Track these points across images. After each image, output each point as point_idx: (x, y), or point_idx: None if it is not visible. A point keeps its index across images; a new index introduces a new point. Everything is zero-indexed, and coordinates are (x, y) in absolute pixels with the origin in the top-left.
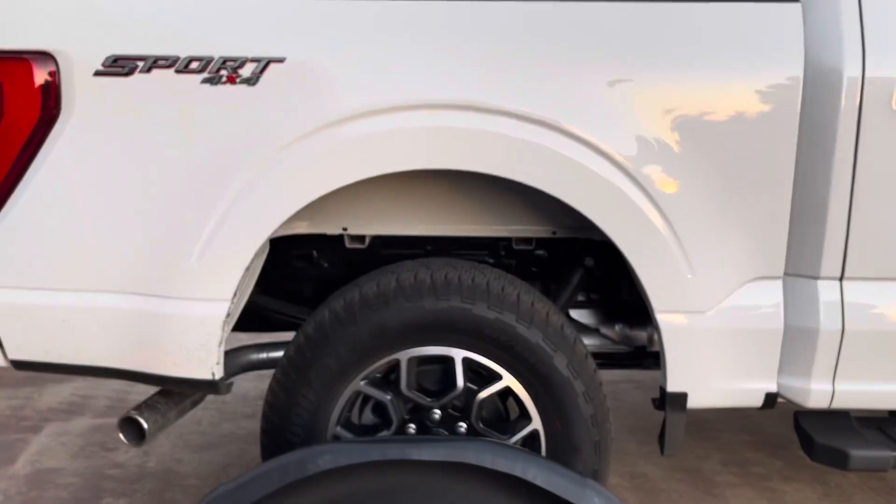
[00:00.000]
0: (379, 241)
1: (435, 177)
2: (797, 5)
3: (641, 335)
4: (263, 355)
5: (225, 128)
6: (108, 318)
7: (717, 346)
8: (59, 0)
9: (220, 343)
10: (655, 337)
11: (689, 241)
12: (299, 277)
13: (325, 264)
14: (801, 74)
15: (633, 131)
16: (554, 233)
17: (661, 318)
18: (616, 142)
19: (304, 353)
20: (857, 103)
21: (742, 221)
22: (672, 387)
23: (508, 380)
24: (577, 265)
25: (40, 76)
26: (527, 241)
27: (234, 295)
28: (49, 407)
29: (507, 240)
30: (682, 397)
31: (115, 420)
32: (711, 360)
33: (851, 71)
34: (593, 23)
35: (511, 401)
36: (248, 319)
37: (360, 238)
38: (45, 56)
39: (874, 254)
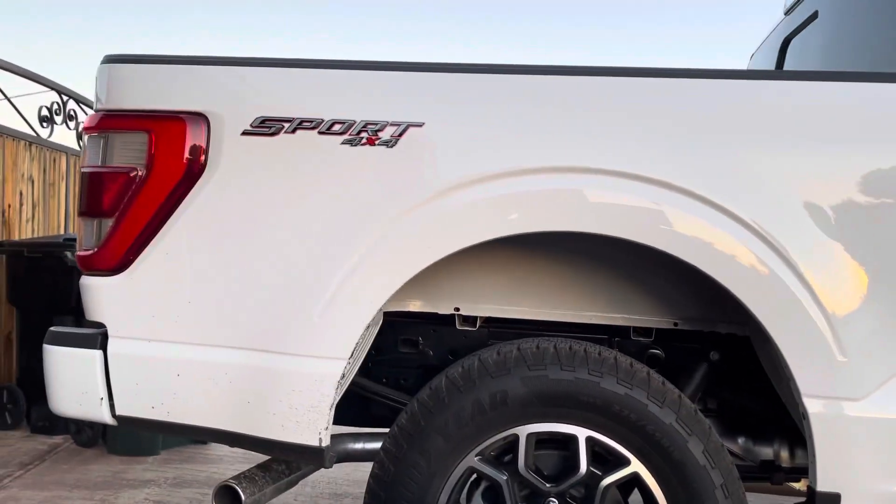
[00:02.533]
0: (487, 327)
1: (552, 255)
2: None
3: (767, 450)
4: (360, 445)
5: (361, 187)
6: (220, 373)
7: (873, 439)
8: (213, 69)
9: (332, 406)
10: (783, 452)
11: (840, 321)
12: (402, 364)
13: (430, 352)
14: None
15: (771, 195)
16: (676, 324)
17: (809, 403)
18: (766, 218)
19: (417, 421)
20: None
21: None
22: (823, 486)
23: (636, 466)
24: (702, 360)
25: (193, 134)
26: (646, 332)
27: (351, 355)
28: None
29: (624, 332)
30: (835, 499)
31: None
32: (867, 455)
33: None
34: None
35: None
36: (347, 408)
37: (472, 320)
38: (199, 116)
39: None
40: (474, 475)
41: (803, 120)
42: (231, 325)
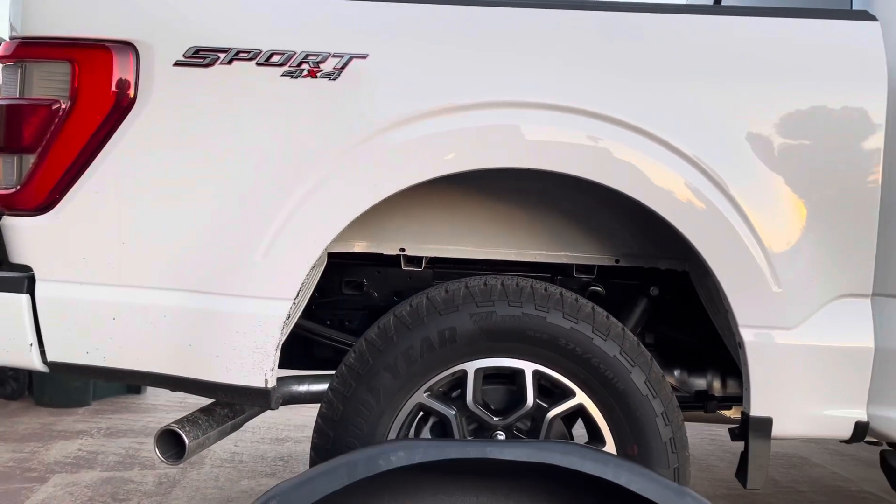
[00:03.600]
0: (432, 268)
1: (497, 196)
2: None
3: (701, 381)
4: (304, 388)
5: (303, 122)
6: (159, 315)
7: (804, 366)
8: None
9: (277, 347)
10: (716, 383)
11: (776, 253)
12: (347, 306)
13: (375, 293)
14: (885, 91)
15: (714, 132)
16: (617, 261)
17: (745, 332)
18: (704, 150)
19: (366, 359)
20: None
21: (829, 237)
22: (756, 411)
23: (581, 397)
24: (641, 296)
25: (120, 65)
26: (588, 270)
27: (297, 296)
28: (56, 460)
29: (566, 270)
30: (766, 423)
31: (125, 473)
32: (798, 382)
33: None
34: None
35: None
36: (290, 350)
37: (417, 261)
38: (127, 45)
39: None
40: (423, 411)
41: (744, 54)
42: (169, 267)
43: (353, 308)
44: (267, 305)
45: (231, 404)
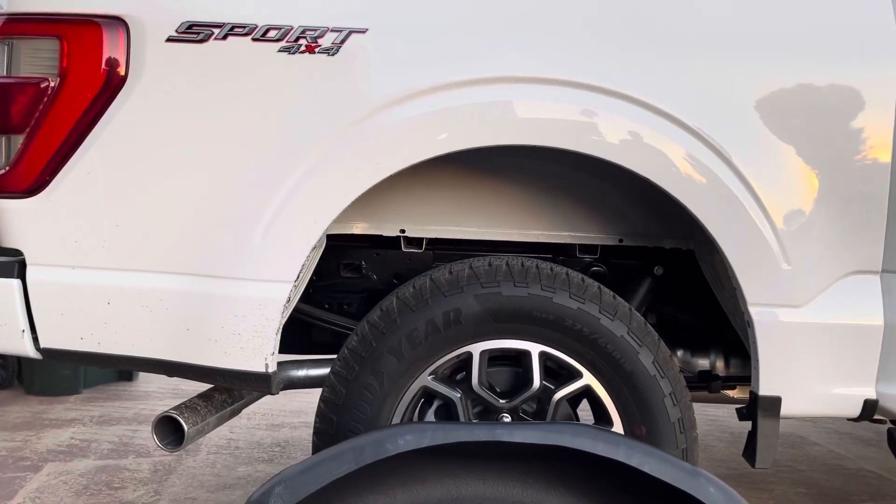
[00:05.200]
0: (432, 250)
1: (499, 175)
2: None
3: (704, 361)
4: (303, 372)
5: (301, 100)
6: (156, 299)
7: (813, 344)
8: None
9: (278, 331)
10: (720, 362)
11: (785, 230)
12: (345, 289)
13: (374, 276)
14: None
15: (725, 106)
16: (621, 240)
17: (754, 311)
18: (711, 123)
19: (369, 342)
20: None
21: (839, 212)
22: (765, 390)
23: (588, 378)
24: (645, 275)
25: (111, 41)
26: (591, 250)
27: (297, 279)
28: (49, 449)
29: (569, 251)
30: (775, 402)
31: (119, 461)
32: (807, 360)
33: None
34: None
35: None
36: (287, 335)
37: (417, 242)
38: (117, 20)
39: None
40: (428, 394)
41: (751, 21)
42: (165, 249)
43: (352, 291)
44: (267, 288)
45: (230, 390)
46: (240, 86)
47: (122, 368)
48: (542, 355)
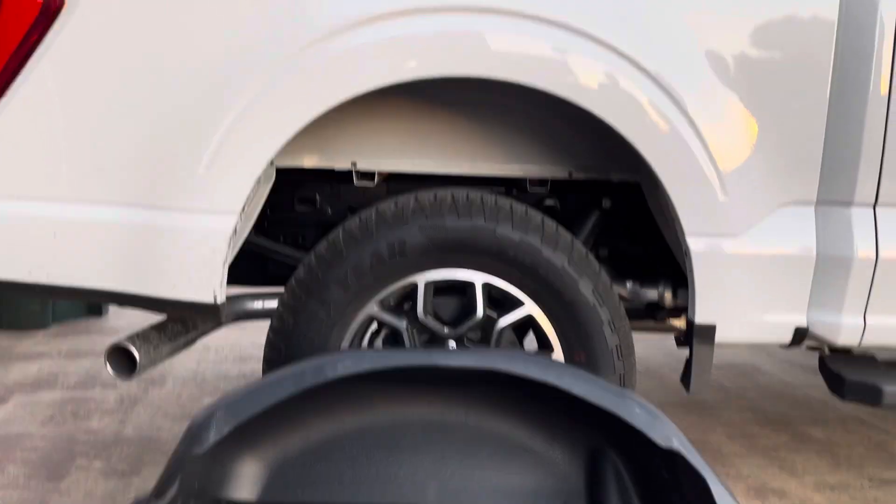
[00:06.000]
0: (386, 184)
1: (451, 109)
2: None
3: (652, 292)
4: (259, 304)
5: (246, 23)
6: (102, 231)
7: (747, 273)
8: None
9: (225, 262)
10: (667, 294)
11: (723, 162)
12: (300, 223)
13: (329, 209)
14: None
15: (671, 46)
16: (571, 174)
17: (691, 241)
18: (652, 55)
19: (315, 273)
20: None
21: (776, 146)
22: (700, 318)
23: (530, 307)
24: (594, 208)
25: None
26: (541, 183)
27: (243, 209)
28: (16, 381)
29: (521, 184)
30: (710, 330)
31: (86, 393)
32: (741, 289)
33: None
34: None
35: (531, 336)
36: (244, 268)
37: (370, 177)
38: None
39: None
40: (375, 324)
41: None
42: (109, 180)
43: (307, 225)
44: (212, 220)
45: (184, 321)
46: (182, 8)
47: (75, 300)
48: (486, 286)
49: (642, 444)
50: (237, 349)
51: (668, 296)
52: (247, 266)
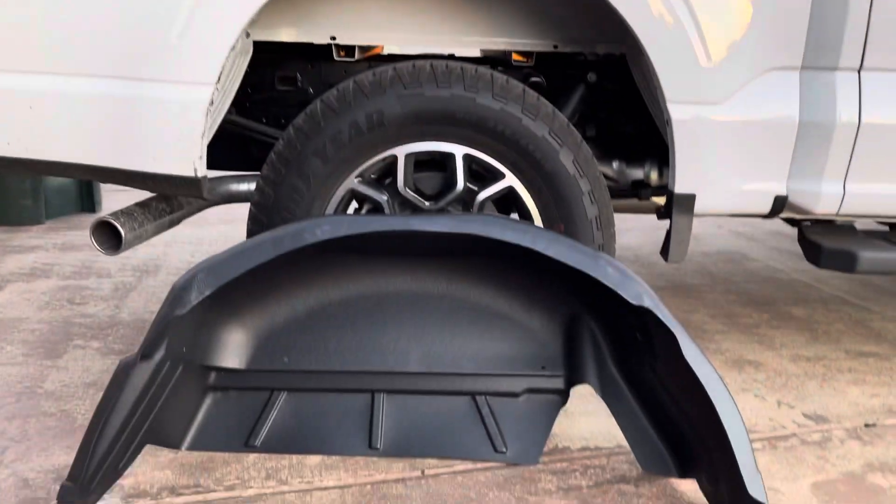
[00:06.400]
0: (368, 62)
1: None
2: None
3: (638, 171)
4: (244, 186)
5: None
6: (79, 103)
7: (728, 142)
8: None
9: (203, 135)
10: (653, 173)
11: (707, 26)
12: (281, 102)
13: (310, 88)
14: None
15: None
16: (556, 46)
17: (672, 109)
18: None
19: (294, 146)
20: None
21: (762, 6)
22: (680, 188)
23: (511, 179)
24: (579, 82)
25: None
26: (527, 57)
27: (219, 80)
28: (11, 272)
29: (506, 59)
30: (689, 199)
31: (81, 282)
32: (722, 158)
33: None
34: None
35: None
36: (227, 151)
37: (350, 51)
38: None
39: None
40: (355, 197)
41: None
42: (84, 51)
43: (289, 104)
44: (188, 90)
45: (168, 199)
46: None
47: (55, 174)
48: (467, 157)
49: (617, 308)
50: (231, 242)
51: (653, 175)
52: (230, 150)
